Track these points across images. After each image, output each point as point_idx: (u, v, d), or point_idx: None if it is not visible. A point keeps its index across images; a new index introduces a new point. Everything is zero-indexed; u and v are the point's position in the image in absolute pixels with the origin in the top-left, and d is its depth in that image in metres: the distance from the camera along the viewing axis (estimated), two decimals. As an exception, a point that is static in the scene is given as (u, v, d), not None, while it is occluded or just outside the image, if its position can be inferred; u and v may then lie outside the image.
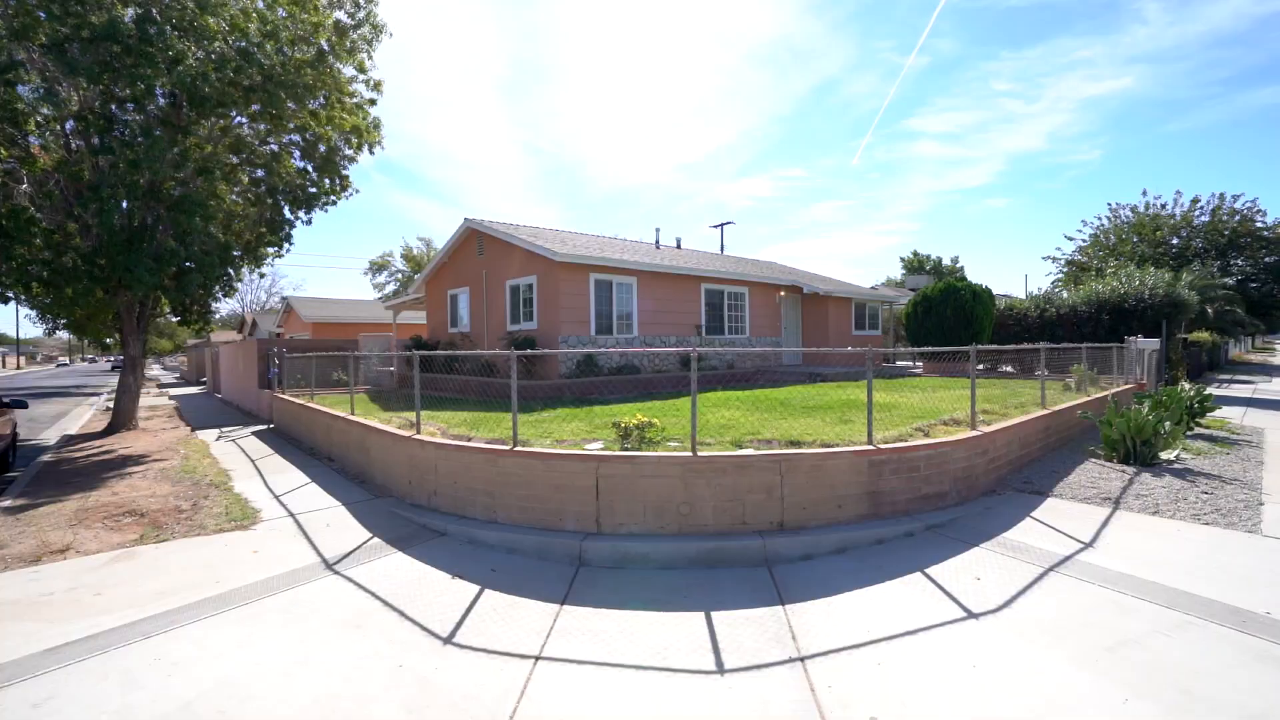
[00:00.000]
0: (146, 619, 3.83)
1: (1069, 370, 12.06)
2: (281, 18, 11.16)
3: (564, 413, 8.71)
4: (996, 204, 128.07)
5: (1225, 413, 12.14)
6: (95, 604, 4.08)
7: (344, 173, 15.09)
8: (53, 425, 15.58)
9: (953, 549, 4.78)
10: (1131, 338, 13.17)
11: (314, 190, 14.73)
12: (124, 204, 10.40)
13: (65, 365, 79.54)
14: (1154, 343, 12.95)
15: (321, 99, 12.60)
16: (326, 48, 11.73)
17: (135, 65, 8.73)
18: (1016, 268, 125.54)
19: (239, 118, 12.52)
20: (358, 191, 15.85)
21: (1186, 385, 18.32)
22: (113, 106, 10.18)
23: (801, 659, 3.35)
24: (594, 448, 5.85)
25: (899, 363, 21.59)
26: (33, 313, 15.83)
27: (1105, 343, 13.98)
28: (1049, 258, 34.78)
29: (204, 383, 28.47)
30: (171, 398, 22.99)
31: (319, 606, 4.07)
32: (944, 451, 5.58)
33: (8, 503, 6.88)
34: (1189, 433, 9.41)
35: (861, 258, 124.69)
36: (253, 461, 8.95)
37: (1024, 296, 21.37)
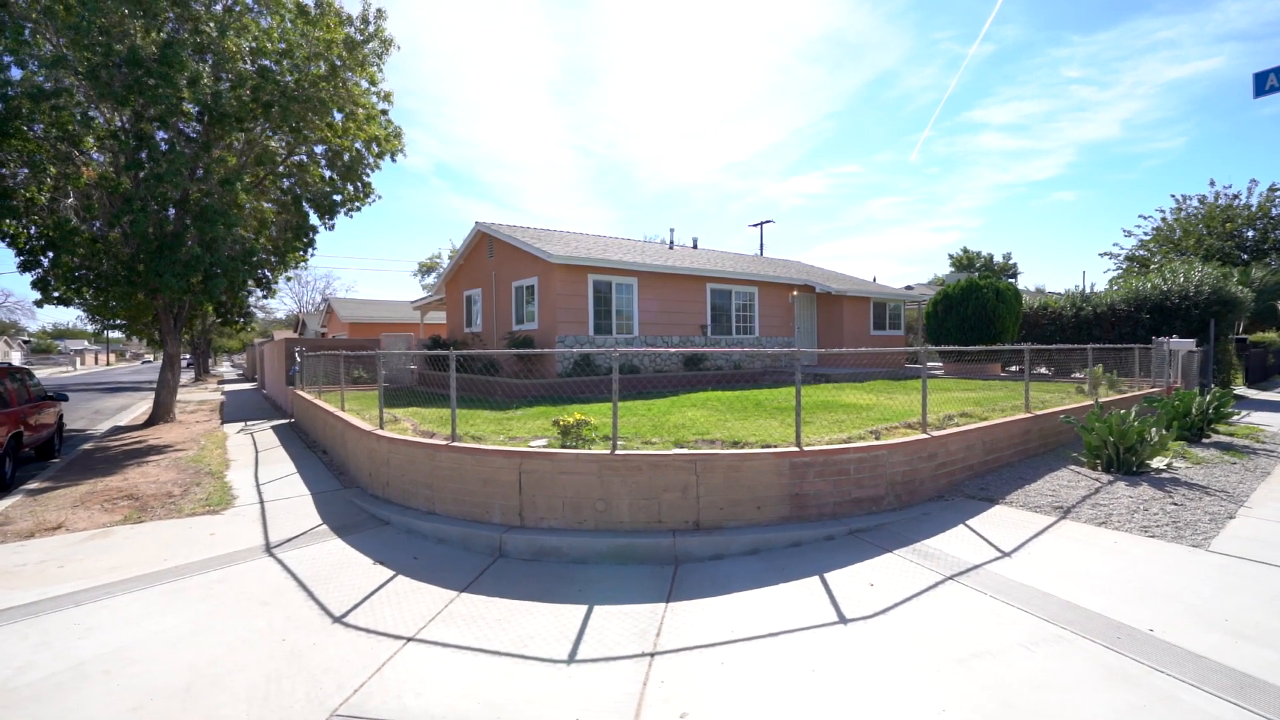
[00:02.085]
0: (87, 589, 4.29)
1: (1103, 372, 11.40)
2: (297, 36, 11.92)
3: (539, 410, 8.94)
4: (1065, 197, 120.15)
5: (1264, 419, 11.14)
6: (54, 575, 4.58)
7: (366, 180, 15.94)
8: (112, 417, 17.13)
9: (865, 554, 4.69)
10: (1162, 338, 12.28)
11: (338, 197, 15.63)
12: (167, 212, 11.40)
13: (149, 362, 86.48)
14: (1188, 343, 12.01)
15: (337, 113, 13.36)
16: (339, 63, 12.42)
17: (157, 87, 9.56)
18: (1082, 264, 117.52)
19: (267, 129, 13.43)
20: (379, 198, 16.62)
21: (1245, 389, 16.89)
22: (156, 125, 11.14)
23: (652, 654, 3.42)
24: (538, 444, 6.04)
25: (930, 364, 20.89)
26: (84, 314, 17.42)
27: (1146, 344, 13.09)
28: (1106, 254, 32.63)
29: (256, 379, 30.49)
30: (224, 393, 24.77)
31: (240, 585, 4.43)
32: (878, 455, 5.46)
33: (34, 485, 7.72)
34: (1205, 440, 8.74)
35: (917, 255, 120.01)
36: (256, 453, 9.64)
37: (1072, 294, 20.10)
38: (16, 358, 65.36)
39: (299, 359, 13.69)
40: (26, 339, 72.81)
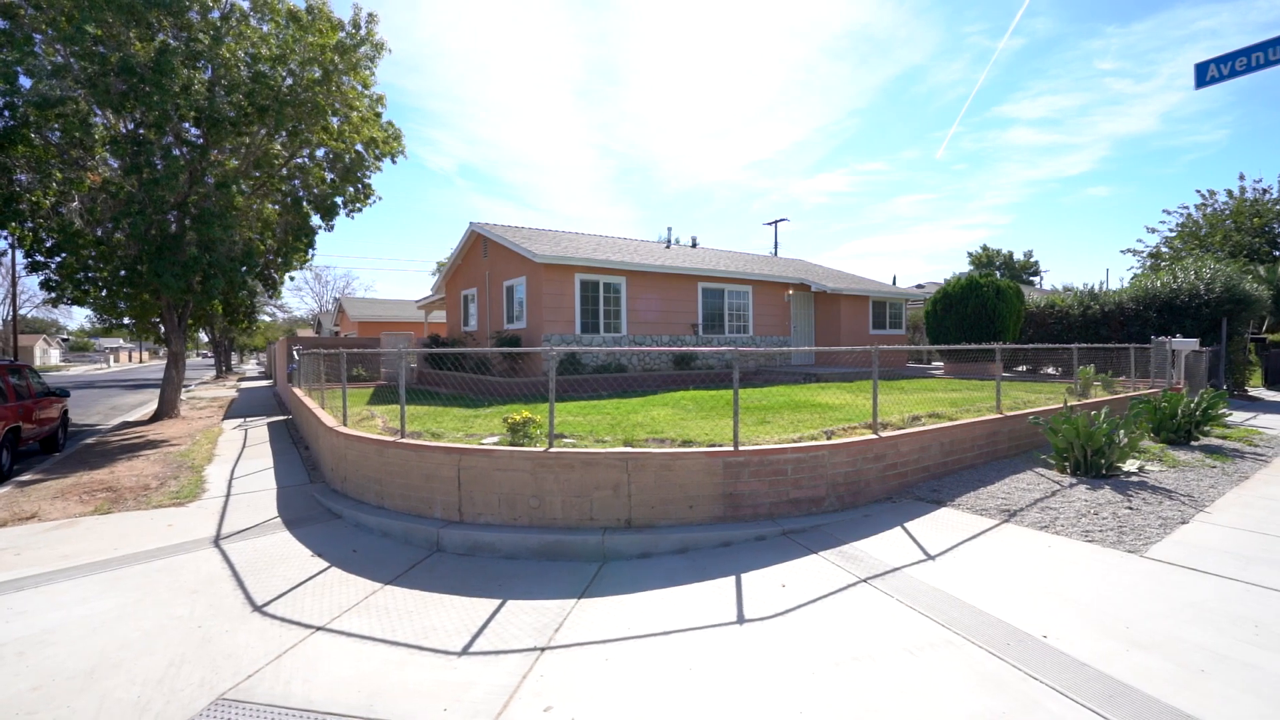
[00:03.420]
0: (33, 576, 4.50)
1: (1106, 371, 11.13)
2: (284, 39, 12.22)
3: (512, 408, 9.03)
4: (1099, 193, 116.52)
5: (1271, 422, 10.70)
6: (9, 562, 4.82)
7: (366, 182, 16.26)
8: (127, 413, 17.80)
9: (791, 555, 4.67)
10: (1163, 337, 11.88)
11: (340, 199, 15.97)
12: (166, 215, 11.80)
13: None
14: (1191, 343, 11.57)
15: (333, 116, 13.66)
16: (331, 68, 12.70)
17: (151, 94, 9.92)
18: (1111, 262, 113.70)
19: (266, 133, 13.80)
20: (380, 199, 16.93)
21: (1264, 391, 16.20)
22: (153, 131, 11.55)
23: (543, 649, 3.47)
24: (490, 441, 6.13)
25: (934, 363, 20.52)
26: (93, 314, 18.09)
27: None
28: (1129, 250, 31.59)
29: (273, 376, 31.33)
30: (240, 390, 25.51)
31: (177, 574, 4.60)
32: (817, 456, 5.42)
33: (27, 477, 8.09)
34: (1193, 443, 8.45)
35: (944, 253, 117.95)
36: (242, 449, 9.94)
37: (1079, 292, 19.54)
38: (55, 355, 68.22)
39: (296, 357, 14.03)
40: (65, 337, 75.95)
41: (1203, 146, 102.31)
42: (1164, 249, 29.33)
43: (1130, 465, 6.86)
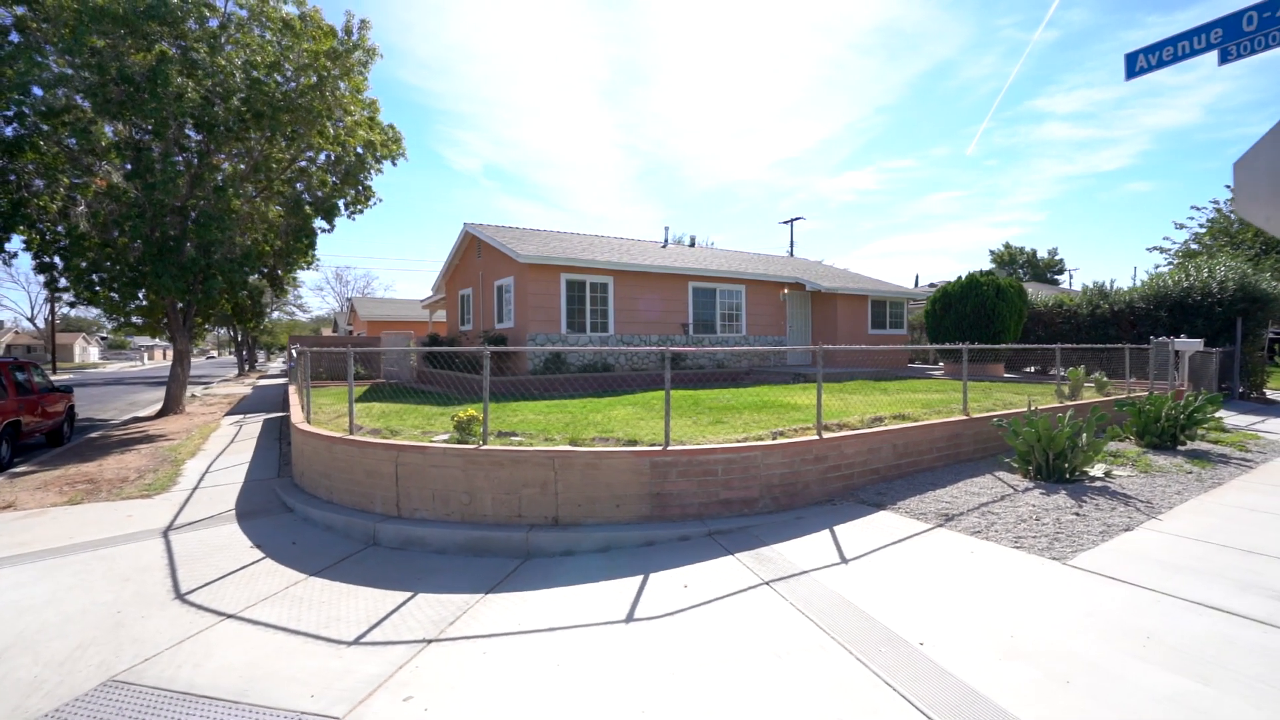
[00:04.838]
0: (-17, 561, 4.75)
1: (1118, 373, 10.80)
2: (284, 47, 12.58)
3: (480, 408, 9.15)
4: (1139, 188, 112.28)
5: (1277, 426, 10.21)
6: (-31, 547, 5.09)
7: (367, 184, 16.62)
8: (142, 409, 18.53)
9: (708, 555, 4.66)
10: (1165, 338, 11.44)
11: (342, 201, 16.34)
12: (166, 219, 12.26)
13: (213, 358, 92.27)
14: (1195, 343, 11.12)
15: (330, 121, 13.99)
16: (325, 74, 13.01)
17: (146, 102, 10.32)
18: (1141, 261, 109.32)
19: (264, 138, 14.20)
20: (380, 200, 17.27)
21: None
22: (151, 138, 12.01)
23: (430, 641, 3.55)
24: (441, 439, 6.25)
25: (940, 363, 20.11)
26: (103, 314, 18.88)
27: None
28: (1155, 248, 30.42)
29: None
30: (255, 387, 26.29)
31: (116, 562, 4.81)
32: (749, 456, 5.38)
33: (21, 469, 8.51)
34: (1181, 446, 8.14)
35: (975, 251, 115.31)
36: (229, 444, 10.28)
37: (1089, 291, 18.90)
38: (94, 352, 71.30)
39: (294, 355, 14.43)
40: (104, 335, 79.27)
41: (1250, 139, 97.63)
42: (1193, 245, 28.16)
43: (1097, 470, 6.64)
